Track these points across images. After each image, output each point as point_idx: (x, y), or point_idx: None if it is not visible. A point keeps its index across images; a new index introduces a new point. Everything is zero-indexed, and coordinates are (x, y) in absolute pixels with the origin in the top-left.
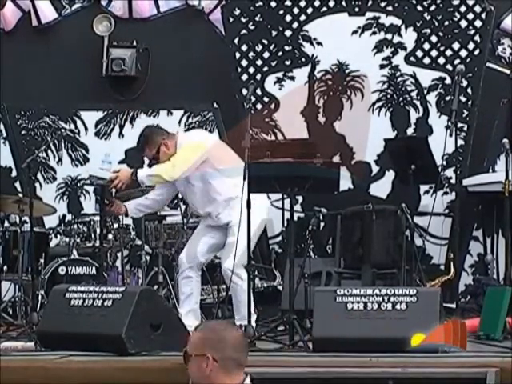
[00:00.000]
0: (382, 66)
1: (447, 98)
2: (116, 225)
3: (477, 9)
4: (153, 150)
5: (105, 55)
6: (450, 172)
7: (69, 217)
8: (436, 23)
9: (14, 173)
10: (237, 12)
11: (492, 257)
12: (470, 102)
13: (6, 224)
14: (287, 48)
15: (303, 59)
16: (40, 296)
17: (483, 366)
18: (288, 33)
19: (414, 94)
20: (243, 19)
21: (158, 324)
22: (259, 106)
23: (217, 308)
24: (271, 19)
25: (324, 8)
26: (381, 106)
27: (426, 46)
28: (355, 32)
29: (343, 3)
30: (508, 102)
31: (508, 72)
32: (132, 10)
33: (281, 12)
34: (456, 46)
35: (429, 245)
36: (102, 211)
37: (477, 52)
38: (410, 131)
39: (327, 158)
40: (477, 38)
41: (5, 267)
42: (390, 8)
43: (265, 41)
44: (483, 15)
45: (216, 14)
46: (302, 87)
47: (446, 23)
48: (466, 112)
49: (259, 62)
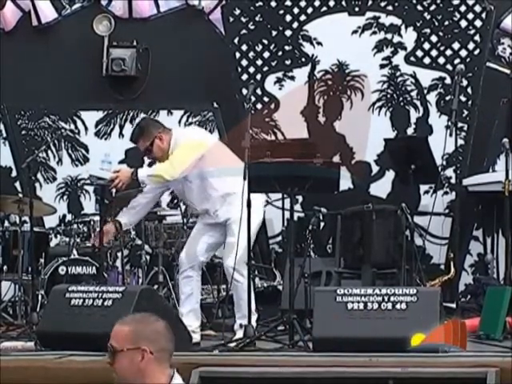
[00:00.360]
0: (382, 66)
1: (447, 98)
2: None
3: (477, 9)
4: (147, 142)
5: (105, 55)
6: (450, 172)
7: (69, 217)
8: (436, 23)
9: (14, 173)
10: (237, 12)
11: (492, 257)
12: (470, 102)
13: (6, 224)
14: (287, 48)
15: (303, 59)
16: (40, 296)
17: (483, 366)
18: (288, 33)
19: (414, 94)
20: (243, 19)
21: None
22: (259, 106)
23: (217, 308)
24: (271, 19)
25: (324, 8)
26: (381, 106)
27: (426, 46)
28: (355, 32)
29: (343, 3)
30: (508, 102)
31: (508, 72)
32: (132, 10)
33: (281, 12)
34: (456, 46)
35: (429, 245)
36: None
37: (477, 52)
38: (410, 131)
39: (327, 158)
40: (477, 38)
41: (5, 267)
42: (390, 8)
43: (265, 41)
44: (483, 15)
45: (216, 14)
46: (302, 87)
47: (446, 23)
48: (466, 112)
49: (259, 62)
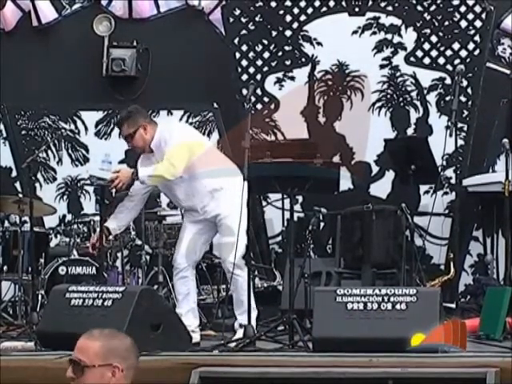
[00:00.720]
0: (382, 66)
1: (447, 98)
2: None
3: (477, 9)
4: (131, 129)
5: (105, 55)
6: (450, 172)
7: (69, 217)
8: (436, 23)
9: (14, 173)
10: (237, 12)
11: (492, 257)
12: (470, 102)
13: (6, 224)
14: (287, 48)
15: (303, 59)
16: (40, 296)
17: (483, 366)
18: (288, 33)
19: (414, 94)
20: (243, 19)
21: (158, 324)
22: (259, 106)
23: (217, 308)
24: (271, 19)
25: (324, 8)
26: (381, 106)
27: (426, 46)
28: (355, 32)
29: (343, 3)
30: (508, 102)
31: (508, 72)
32: (132, 10)
33: (281, 12)
34: (456, 46)
35: (429, 245)
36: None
37: (477, 52)
38: (410, 131)
39: (327, 158)
40: (477, 38)
41: (5, 267)
42: (390, 8)
43: (265, 41)
44: (483, 15)
45: (216, 14)
46: (302, 87)
47: (446, 23)
48: (466, 112)
49: (259, 62)
